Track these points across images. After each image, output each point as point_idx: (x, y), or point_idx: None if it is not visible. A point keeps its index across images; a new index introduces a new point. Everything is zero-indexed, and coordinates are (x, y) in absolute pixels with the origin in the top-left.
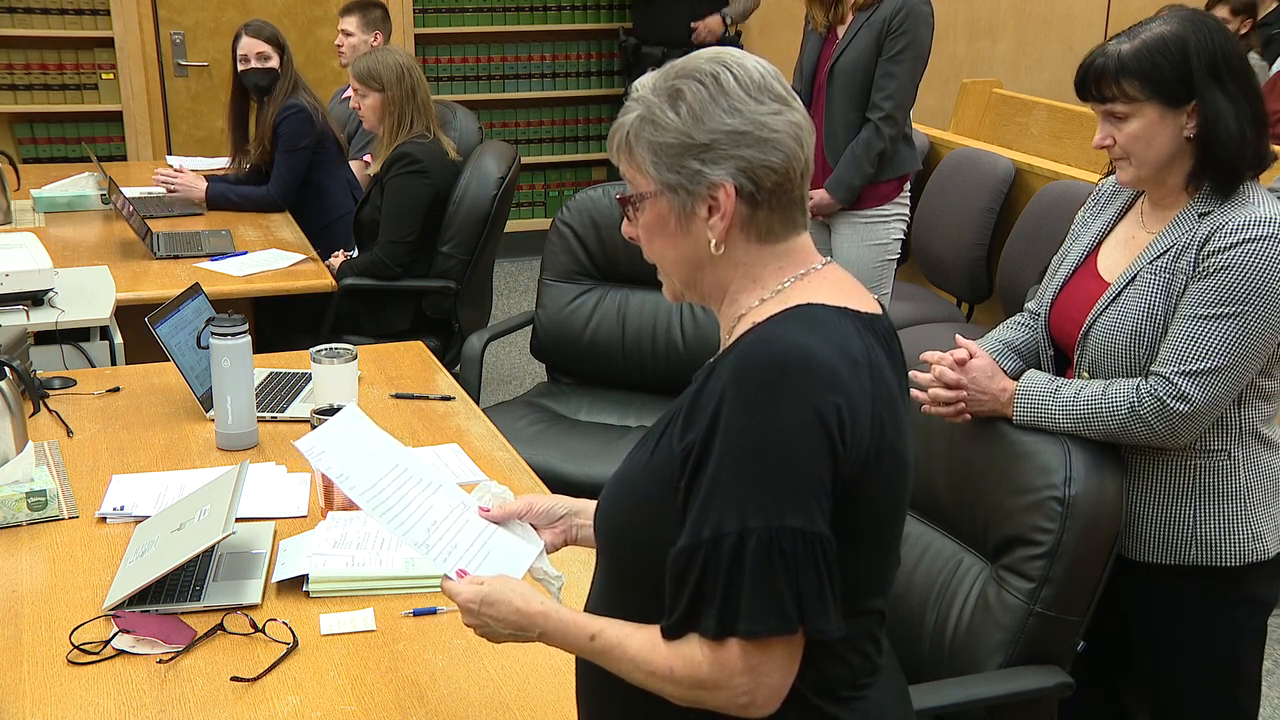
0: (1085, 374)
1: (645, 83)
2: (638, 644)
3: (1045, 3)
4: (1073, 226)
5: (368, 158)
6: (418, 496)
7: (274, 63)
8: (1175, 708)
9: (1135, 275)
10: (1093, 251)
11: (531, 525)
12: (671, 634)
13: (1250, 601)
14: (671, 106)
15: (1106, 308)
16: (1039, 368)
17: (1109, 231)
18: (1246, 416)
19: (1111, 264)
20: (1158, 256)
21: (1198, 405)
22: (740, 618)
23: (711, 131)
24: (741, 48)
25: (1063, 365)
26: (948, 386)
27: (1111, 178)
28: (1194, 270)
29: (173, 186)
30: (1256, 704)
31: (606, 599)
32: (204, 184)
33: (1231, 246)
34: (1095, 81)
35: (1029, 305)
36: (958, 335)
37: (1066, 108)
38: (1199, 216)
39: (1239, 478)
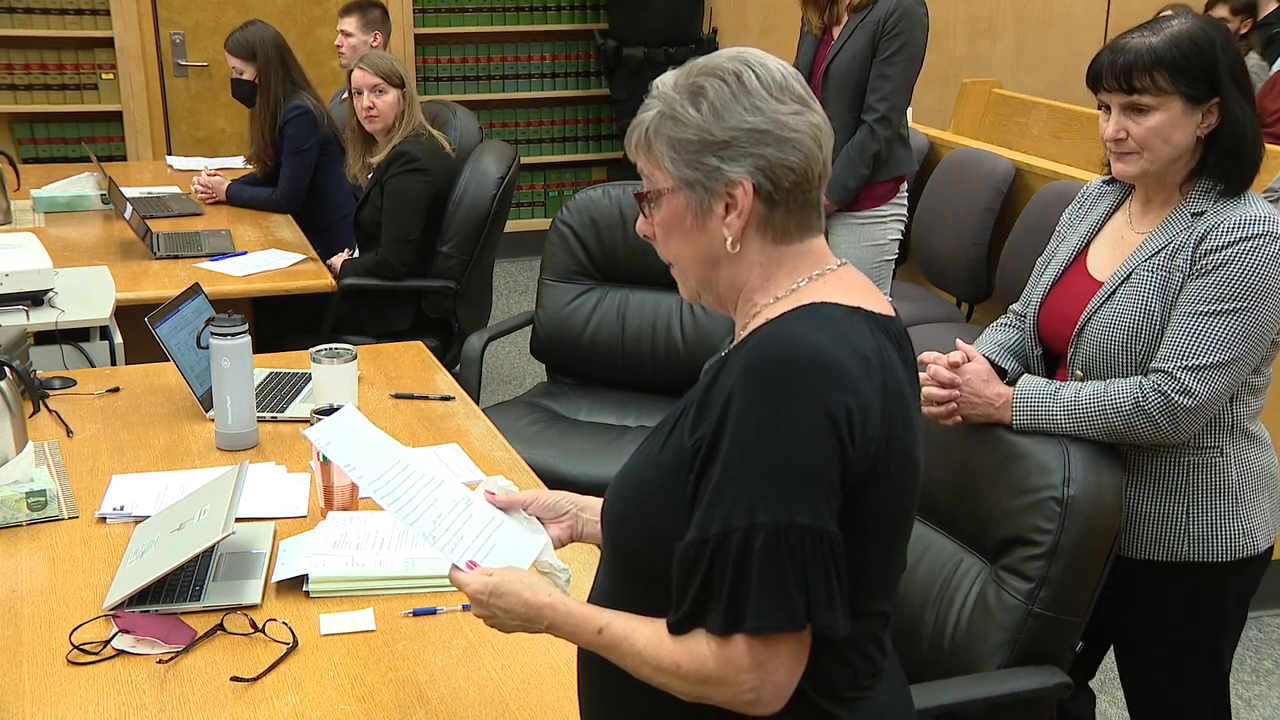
0: (1079, 372)
1: (666, 80)
2: (644, 638)
3: (1045, 3)
4: (1058, 228)
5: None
6: (421, 490)
7: (247, 74)
8: (1155, 701)
9: (1130, 274)
10: (1081, 252)
11: (537, 519)
12: (678, 629)
13: (1237, 595)
14: (693, 103)
15: (1101, 306)
16: (1029, 368)
17: (1097, 232)
18: (1237, 413)
19: (1102, 264)
20: (1152, 255)
21: (1201, 400)
22: (747, 613)
23: (732, 129)
24: (716, 46)
25: (1051, 365)
26: (942, 386)
27: (1097, 180)
28: (1190, 268)
29: (203, 193)
30: (1227, 698)
31: (612, 592)
32: (225, 184)
33: (1228, 245)
34: (1125, 72)
35: (1014, 308)
36: (957, 339)
37: (1066, 108)
38: (1192, 216)
39: (1230, 473)
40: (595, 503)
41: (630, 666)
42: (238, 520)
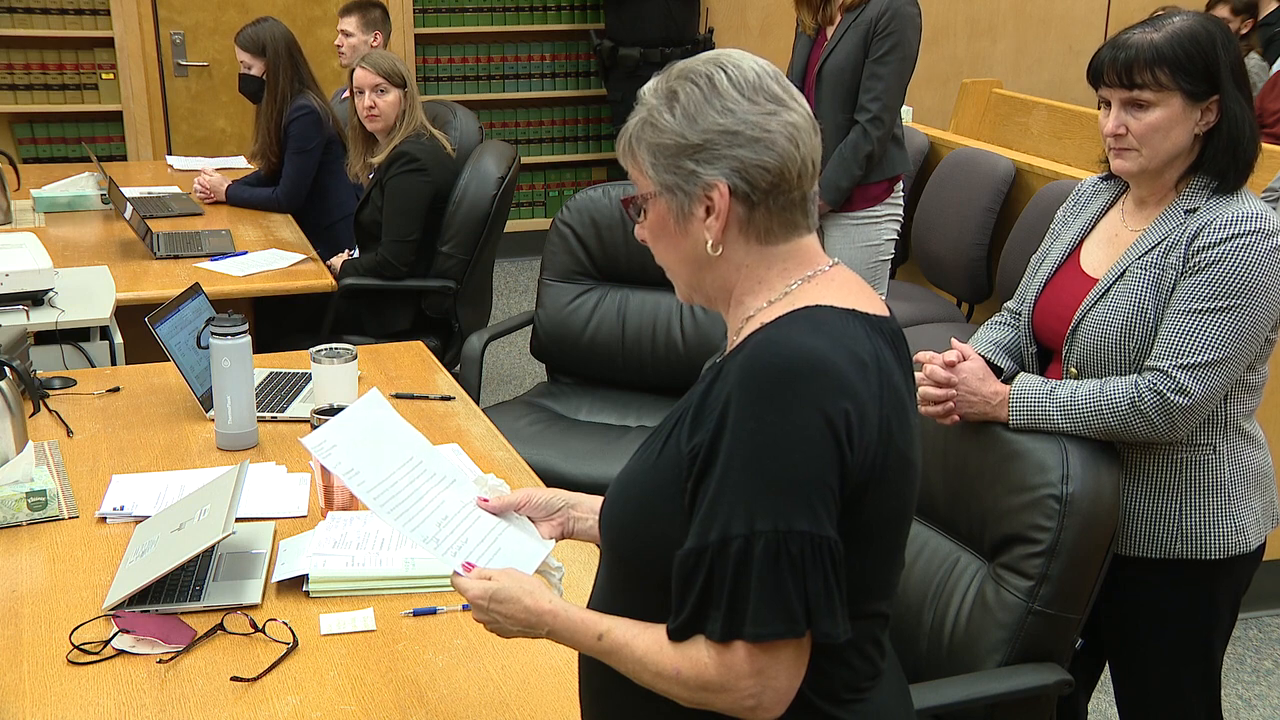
0: (1073, 369)
1: (649, 86)
2: (644, 644)
3: (1045, 3)
4: (1052, 225)
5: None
6: (430, 491)
7: (256, 70)
8: (1147, 697)
9: (1124, 271)
10: (1075, 249)
11: (529, 518)
12: (677, 636)
13: (1228, 593)
14: (668, 108)
15: (1095, 304)
16: (1023, 365)
17: (1090, 229)
18: (1231, 411)
19: (1096, 261)
20: (1146, 252)
21: (1196, 398)
22: (747, 621)
23: (705, 131)
24: (712, 46)
25: (1045, 362)
26: (938, 385)
27: (1092, 178)
28: (1184, 266)
29: (203, 194)
30: (1219, 695)
31: (610, 597)
32: (225, 184)
33: (1222, 242)
34: (1126, 67)
35: (1009, 305)
36: (953, 338)
37: (1066, 108)
38: (1185, 213)
39: (1223, 472)
40: (587, 499)
41: (630, 672)
42: (238, 520)
